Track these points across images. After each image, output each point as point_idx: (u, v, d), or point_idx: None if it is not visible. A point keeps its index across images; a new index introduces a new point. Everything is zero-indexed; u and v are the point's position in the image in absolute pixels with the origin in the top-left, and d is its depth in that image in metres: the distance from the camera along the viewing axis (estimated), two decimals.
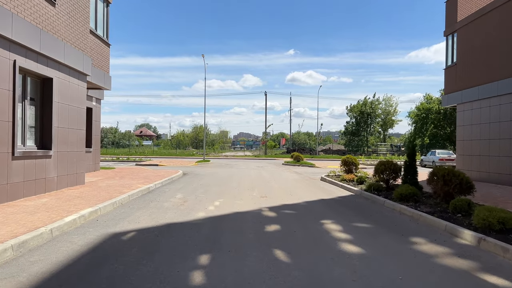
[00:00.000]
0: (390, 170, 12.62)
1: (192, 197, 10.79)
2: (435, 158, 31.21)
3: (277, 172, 22.13)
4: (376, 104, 71.32)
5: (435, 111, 57.32)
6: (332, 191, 12.96)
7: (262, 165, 31.26)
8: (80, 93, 11.81)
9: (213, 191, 12.25)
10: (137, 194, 10.74)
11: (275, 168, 26.59)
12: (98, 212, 7.88)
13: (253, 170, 23.65)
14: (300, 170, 24.50)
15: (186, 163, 30.93)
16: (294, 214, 8.47)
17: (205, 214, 8.14)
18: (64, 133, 10.82)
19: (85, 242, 5.69)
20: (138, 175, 16.37)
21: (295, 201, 10.43)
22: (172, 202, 9.72)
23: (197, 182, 15.26)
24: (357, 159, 17.60)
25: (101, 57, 14.91)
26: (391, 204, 9.62)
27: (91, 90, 16.79)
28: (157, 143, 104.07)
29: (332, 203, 10.28)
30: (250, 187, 13.55)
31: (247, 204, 9.59)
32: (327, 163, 34.51)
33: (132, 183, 13.01)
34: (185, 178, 16.88)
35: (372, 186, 12.15)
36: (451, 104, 18.52)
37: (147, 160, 34.67)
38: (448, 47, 18.93)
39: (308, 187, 14.28)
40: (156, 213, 8.21)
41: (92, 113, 17.38)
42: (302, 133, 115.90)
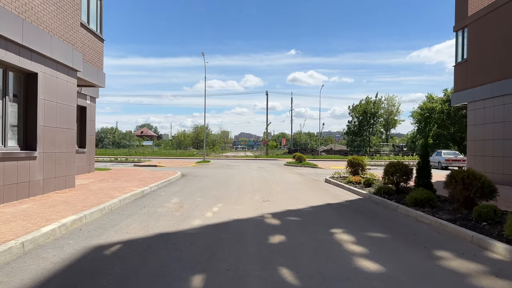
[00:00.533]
0: (400, 172, 11.82)
1: (189, 201, 10.01)
2: (441, 159, 30.40)
3: (279, 174, 21.35)
4: (379, 104, 70.39)
5: (438, 111, 56.45)
6: (339, 195, 12.17)
7: (263, 166, 30.48)
8: (69, 90, 11.04)
9: (211, 194, 11.47)
10: (129, 199, 9.96)
11: (277, 169, 25.81)
12: (83, 220, 7.10)
13: (254, 171, 22.87)
14: (302, 171, 23.72)
15: (186, 164, 30.17)
16: (300, 221, 7.69)
17: (202, 222, 7.36)
18: (51, 132, 10.06)
19: (60, 258, 4.91)
20: (134, 177, 15.60)
21: (300, 206, 9.65)
22: (167, 208, 8.94)
23: (195, 184, 14.48)
24: (364, 160, 16.81)
25: (94, 53, 14.15)
26: (404, 210, 8.82)
27: (85, 88, 16.04)
28: (157, 144, 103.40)
29: (340, 208, 9.49)
30: (251, 190, 12.77)
31: (248, 210, 8.81)
32: (329, 164, 33.73)
33: (126, 186, 12.24)
34: (183, 180, 16.11)
35: (382, 189, 11.37)
36: (462, 103, 17.72)
37: (146, 160, 33.93)
38: (458, 43, 18.13)
39: (313, 190, 13.49)
40: (147, 220, 7.43)
41: (86, 112, 16.63)
42: (303, 133, 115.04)
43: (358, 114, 70.11)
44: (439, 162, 30.45)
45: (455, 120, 56.08)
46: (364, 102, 70.12)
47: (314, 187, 14.51)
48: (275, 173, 21.98)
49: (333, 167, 29.19)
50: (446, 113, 56.36)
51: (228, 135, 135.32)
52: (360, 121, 70.26)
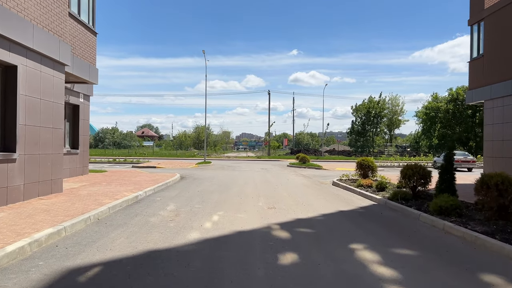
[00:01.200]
0: (418, 175, 10.85)
1: (187, 208, 9.03)
2: None
3: (283, 175, 20.36)
4: (383, 103, 69.18)
5: (443, 111, 55.35)
6: (350, 200, 11.17)
7: (266, 167, 29.49)
8: (56, 85, 10.09)
9: (211, 200, 10.49)
10: (120, 205, 8.99)
11: (281, 171, 24.81)
12: (62, 233, 6.13)
13: (257, 173, 21.89)
14: (307, 173, 22.72)
15: (186, 165, 29.21)
16: (312, 234, 6.70)
17: (199, 235, 6.38)
18: (34, 132, 9.10)
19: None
20: (130, 180, 14.64)
21: (309, 214, 8.65)
22: (161, 216, 7.96)
23: (194, 188, 13.50)
24: (374, 162, 15.80)
25: (85, 47, 13.18)
26: (429, 220, 7.82)
27: (77, 86, 15.09)
28: (158, 144, 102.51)
29: (355, 217, 8.49)
30: (255, 195, 11.78)
31: (253, 219, 7.82)
32: (334, 165, 32.72)
33: (119, 190, 11.27)
34: (181, 183, 15.13)
35: (399, 194, 10.38)
36: (477, 101, 16.71)
37: (145, 161, 32.98)
38: (473, 38, 17.11)
39: (321, 194, 12.49)
40: (137, 233, 6.46)
41: (79, 111, 15.67)
42: (305, 134, 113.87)
43: (361, 114, 68.95)
44: None
45: (460, 120, 55.00)
46: (367, 101, 68.97)
47: (322, 191, 13.51)
48: (278, 175, 20.99)
49: (339, 168, 28.19)
50: (451, 113, 55.29)
51: (229, 136, 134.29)
52: (363, 121, 69.10)
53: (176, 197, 11.04)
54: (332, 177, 19.80)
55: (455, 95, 54.86)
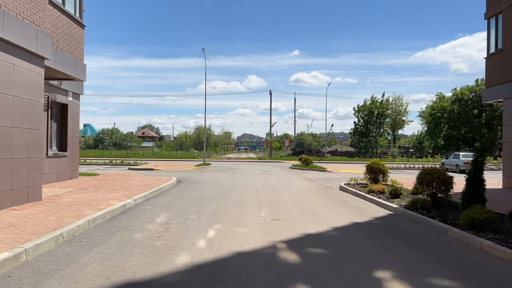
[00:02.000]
0: (438, 181, 9.73)
1: (179, 220, 7.92)
2: (459, 162, 28.22)
3: (286, 179, 19.24)
4: (386, 103, 67.87)
5: (449, 111, 54.14)
6: (363, 208, 10.05)
7: (268, 169, 28.37)
8: (34, 81, 8.99)
9: (208, 209, 9.38)
10: (103, 217, 7.88)
11: (283, 173, 23.69)
12: (21, 258, 5.03)
13: (258, 176, 20.77)
14: (311, 176, 21.58)
15: (185, 167, 28.13)
16: (326, 256, 5.58)
17: (190, 259, 5.26)
18: (4, 133, 8.00)
19: None
20: (121, 185, 13.53)
21: (320, 227, 7.53)
22: (148, 232, 6.85)
23: (190, 194, 12.38)
24: (385, 165, 14.66)
25: (71, 40, 12.08)
26: (461, 236, 6.69)
27: (66, 83, 14.00)
28: (159, 145, 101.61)
29: (372, 231, 7.37)
30: (257, 202, 10.66)
31: (254, 235, 6.70)
32: (338, 167, 31.56)
33: (105, 197, 10.16)
34: (177, 188, 14.02)
35: (418, 203, 9.26)
36: (495, 99, 15.57)
37: (143, 163, 31.90)
38: (490, 32, 15.97)
39: (330, 201, 11.37)
40: (115, 256, 5.34)
41: (68, 110, 14.57)
42: (307, 134, 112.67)
43: (363, 115, 67.69)
44: (457, 165, 28.29)
45: (466, 120, 53.80)
46: (370, 102, 67.69)
47: (329, 197, 12.39)
48: (281, 178, 19.87)
49: (343, 170, 27.06)
50: (456, 113, 54.07)
51: (230, 136, 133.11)
52: (366, 122, 67.82)
53: (169, 205, 9.92)
54: (338, 180, 18.67)
55: (460, 95, 53.67)
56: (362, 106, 67.64)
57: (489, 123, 52.79)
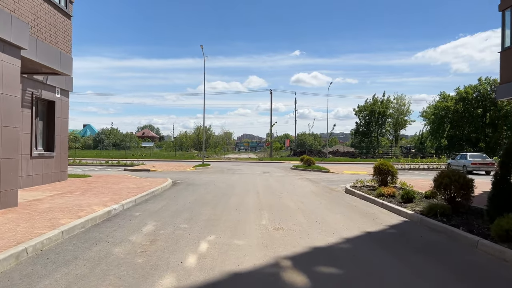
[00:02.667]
0: (458, 185, 8.78)
1: (168, 230, 6.97)
2: (466, 163, 27.23)
3: (288, 180, 18.29)
4: (387, 103, 66.82)
5: (452, 110, 53.16)
6: (374, 214, 9.10)
7: (268, 169, 27.42)
8: (8, 73, 8.05)
9: (203, 216, 8.43)
10: (82, 226, 6.93)
11: (284, 174, 22.74)
12: None
13: (259, 177, 19.82)
14: (314, 177, 20.63)
15: (183, 168, 27.19)
16: (339, 278, 4.63)
17: (175, 283, 4.31)
18: None
19: None
20: (111, 188, 12.60)
21: (329, 238, 6.59)
22: (130, 244, 5.90)
23: (185, 198, 11.44)
24: (394, 167, 13.70)
25: (54, 30, 11.13)
26: (496, 251, 5.72)
27: (53, 79, 13.07)
28: (159, 145, 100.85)
29: (389, 243, 6.41)
30: (257, 207, 9.72)
31: (254, 249, 5.76)
32: (340, 167, 30.61)
33: (90, 202, 9.22)
34: (172, 191, 13.07)
35: (436, 209, 8.32)
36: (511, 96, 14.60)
37: (140, 164, 30.97)
38: (505, 24, 15.00)
39: (336, 205, 10.41)
40: (85, 278, 4.40)
41: (55, 108, 13.64)
42: (307, 134, 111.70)
43: (365, 115, 66.70)
44: (464, 165, 27.30)
45: (470, 120, 52.85)
46: (371, 101, 66.66)
47: (335, 201, 11.44)
48: (283, 179, 18.92)
49: (346, 171, 26.12)
50: (460, 113, 53.12)
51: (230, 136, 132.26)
52: (368, 122, 66.80)
53: (160, 211, 8.97)
54: (342, 182, 17.74)
55: (464, 94, 52.70)
56: (364, 106, 66.65)
57: (494, 123, 51.83)
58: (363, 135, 66.62)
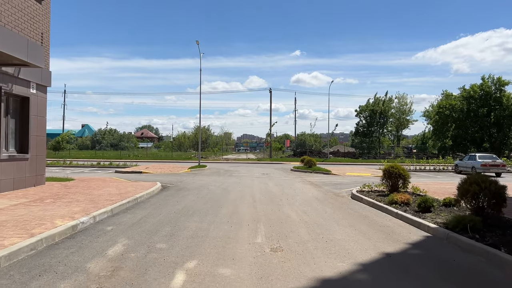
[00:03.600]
0: (489, 194, 7.47)
1: (140, 252, 5.62)
2: (475, 164, 25.87)
3: (288, 184, 16.94)
4: (389, 102, 65.44)
5: (458, 109, 51.75)
6: (389, 228, 7.75)
7: (267, 171, 26.08)
8: None
9: (187, 231, 7.08)
10: (31, 248, 5.57)
11: (284, 176, 21.40)
12: None
13: (257, 180, 18.48)
14: (316, 180, 19.27)
15: (178, 169, 25.87)
16: None
17: None
18: None
19: None
20: (90, 193, 11.25)
21: (340, 264, 5.23)
22: (84, 276, 4.55)
23: (171, 206, 10.09)
24: (406, 170, 12.34)
25: (21, 15, 9.78)
26: None
27: (27, 73, 11.73)
28: (158, 145, 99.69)
29: (417, 271, 5.05)
30: (252, 219, 8.38)
31: (244, 284, 4.41)
32: (343, 169, 29.27)
33: (56, 213, 7.87)
34: (158, 198, 11.72)
35: (464, 222, 6.97)
36: None
37: (133, 165, 29.61)
38: None
39: (345, 216, 9.06)
40: None
41: (30, 105, 12.29)
42: (307, 135, 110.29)
43: (366, 115, 65.31)
44: (473, 167, 25.95)
45: (475, 119, 51.47)
46: (373, 101, 65.29)
47: (343, 209, 10.09)
48: (282, 182, 17.57)
49: (350, 173, 24.78)
50: (465, 112, 51.73)
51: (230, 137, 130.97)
52: (369, 122, 65.43)
53: (137, 224, 7.62)
54: (346, 185, 16.41)
55: (472, 92, 51.29)
56: (365, 106, 65.29)
57: (499, 123, 50.45)
58: (364, 135, 65.26)
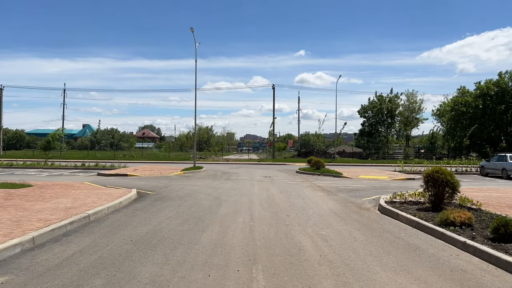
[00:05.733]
0: None
1: None
2: (507, 166, 22.70)
3: (296, 190, 13.95)
4: (395, 100, 62.02)
5: (474, 106, 48.50)
6: (463, 271, 4.76)
7: (270, 173, 23.11)
8: None
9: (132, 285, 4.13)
10: None
11: (290, 180, 18.42)
12: None
13: (257, 186, 15.53)
14: (327, 185, 16.27)
15: (170, 171, 22.99)
16: None
17: None
18: None
19: None
20: (29, 208, 8.34)
21: None
22: None
23: (132, 229, 7.11)
24: (454, 176, 9.31)
25: None
26: None
27: None
28: (159, 145, 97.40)
29: None
30: (246, 255, 5.41)
31: None
32: (354, 171, 26.21)
33: None
34: (123, 213, 8.76)
35: None
36: None
37: (122, 167, 26.71)
38: None
39: (388, 249, 6.05)
40: None
41: None
42: (311, 134, 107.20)
43: (371, 114, 62.09)
44: (504, 169, 22.87)
45: (492, 117, 48.21)
46: (373, 99, 61.99)
47: (378, 234, 7.10)
48: (288, 188, 14.58)
49: (363, 176, 21.76)
50: (481, 109, 48.53)
51: (233, 137, 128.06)
52: (376, 121, 62.21)
53: (55, 270, 4.67)
54: (365, 192, 13.48)
55: (485, 89, 48.08)
56: (368, 105, 62.06)
57: None
58: (370, 135, 62.02)
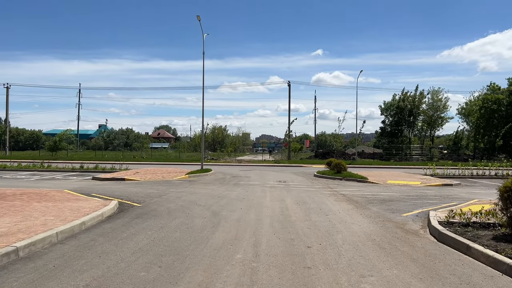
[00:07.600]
0: None
1: None
2: None
3: (316, 201, 11.35)
4: (420, 97, 58.50)
5: (506, 104, 44.77)
6: None
7: (285, 177, 20.52)
8: None
9: None
10: None
11: (308, 186, 15.80)
12: None
13: (269, 193, 12.99)
14: (352, 193, 13.57)
15: (175, 174, 20.71)
16: None
17: None
18: None
19: None
20: None
21: None
22: None
23: (68, 277, 4.70)
24: None
25: None
26: None
27: None
28: (174, 146, 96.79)
29: None
30: None
31: None
32: (379, 174, 23.34)
33: None
34: (75, 243, 6.34)
35: None
36: None
37: (123, 169, 24.56)
38: None
39: None
40: None
41: None
42: (327, 134, 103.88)
43: (393, 113, 58.64)
44: None
45: None
46: (400, 96, 58.49)
47: (450, 283, 4.47)
48: (307, 198, 11.98)
49: (391, 181, 18.94)
50: None
51: (248, 137, 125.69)
52: (397, 120, 58.71)
53: None
54: (400, 203, 10.80)
55: None
56: (392, 103, 58.65)
57: None
58: (392, 135, 58.59)
